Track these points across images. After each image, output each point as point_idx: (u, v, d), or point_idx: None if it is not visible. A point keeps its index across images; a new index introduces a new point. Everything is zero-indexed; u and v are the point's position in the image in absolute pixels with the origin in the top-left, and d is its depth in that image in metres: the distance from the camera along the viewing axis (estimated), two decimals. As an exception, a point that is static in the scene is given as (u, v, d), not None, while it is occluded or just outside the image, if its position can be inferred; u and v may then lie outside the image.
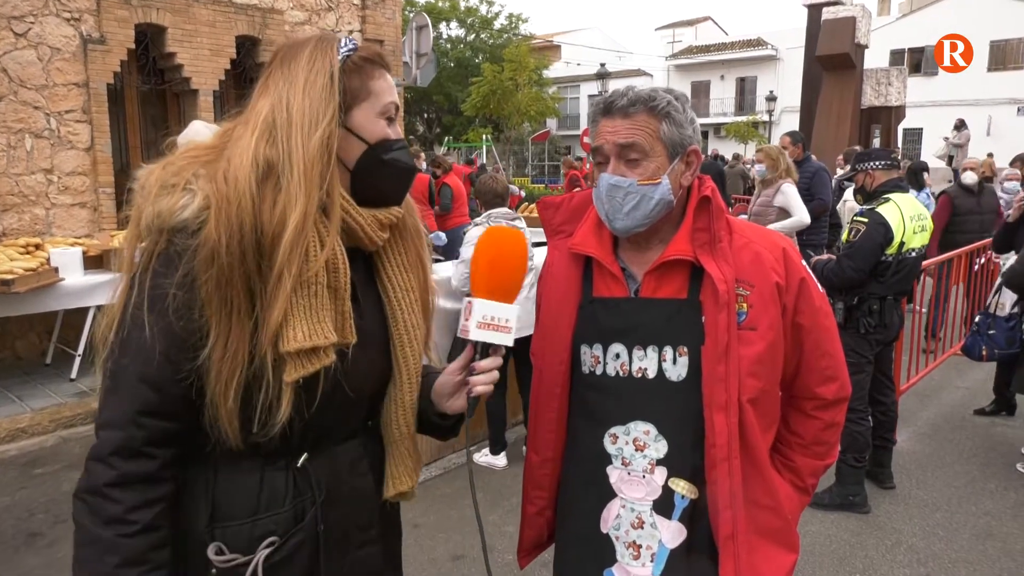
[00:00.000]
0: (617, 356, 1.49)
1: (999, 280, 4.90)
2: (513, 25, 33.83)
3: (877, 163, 4.10)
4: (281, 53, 1.26)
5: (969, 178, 7.20)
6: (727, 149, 30.85)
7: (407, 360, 1.35)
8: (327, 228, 1.18)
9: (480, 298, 1.31)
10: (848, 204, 7.39)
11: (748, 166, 18.01)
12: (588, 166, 18.61)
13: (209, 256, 1.10)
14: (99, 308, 4.63)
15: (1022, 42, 32.86)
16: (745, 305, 1.43)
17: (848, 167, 7.37)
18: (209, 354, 1.13)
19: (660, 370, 1.46)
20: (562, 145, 35.76)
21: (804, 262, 1.55)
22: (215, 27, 7.83)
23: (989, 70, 33.58)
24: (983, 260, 6.77)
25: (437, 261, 5.64)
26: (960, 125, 15.59)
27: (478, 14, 33.09)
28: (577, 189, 4.60)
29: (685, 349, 1.44)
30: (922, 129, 31.93)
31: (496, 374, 1.34)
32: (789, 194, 5.83)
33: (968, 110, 26.81)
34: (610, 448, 1.50)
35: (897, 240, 3.83)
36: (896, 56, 33.05)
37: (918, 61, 33.89)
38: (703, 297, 1.43)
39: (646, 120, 1.42)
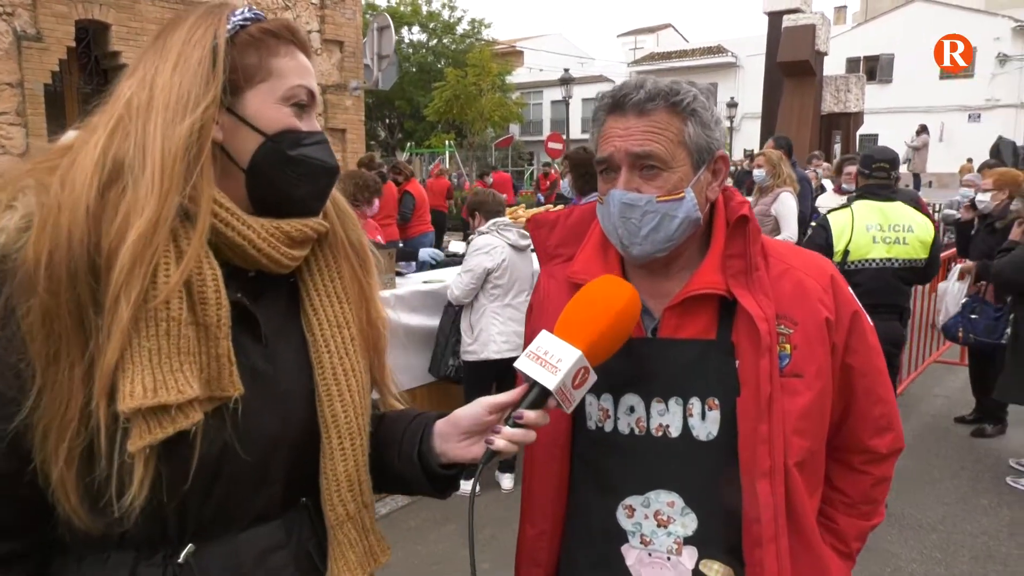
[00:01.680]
0: (631, 410, 1.21)
1: (955, 269, 5.05)
2: (475, 30, 33.57)
3: (861, 168, 4.00)
4: (164, 26, 0.98)
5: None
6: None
7: (336, 418, 1.03)
8: (190, 242, 0.90)
9: (550, 332, 1.06)
10: (822, 210, 7.30)
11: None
12: (554, 172, 18.37)
13: (28, 280, 0.85)
14: None
15: (972, 51, 33.67)
16: (788, 346, 1.16)
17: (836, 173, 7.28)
18: (32, 408, 0.86)
19: (686, 427, 1.18)
20: (525, 151, 35.55)
21: None
22: (162, 25, 7.41)
23: (941, 78, 34.36)
24: (956, 268, 6.71)
25: (400, 274, 5.30)
26: (921, 130, 15.82)
27: (440, 19, 32.77)
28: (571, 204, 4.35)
29: (716, 401, 1.17)
30: (878, 135, 32.50)
31: (533, 435, 1.04)
32: (787, 205, 5.54)
33: (922, 117, 27.26)
34: (625, 523, 1.22)
35: (840, 248, 3.75)
36: (852, 64, 33.59)
37: (873, 69, 34.52)
38: (736, 338, 1.16)
39: (667, 120, 1.15)
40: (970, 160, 20.01)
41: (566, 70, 22.94)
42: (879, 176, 3.92)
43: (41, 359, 0.86)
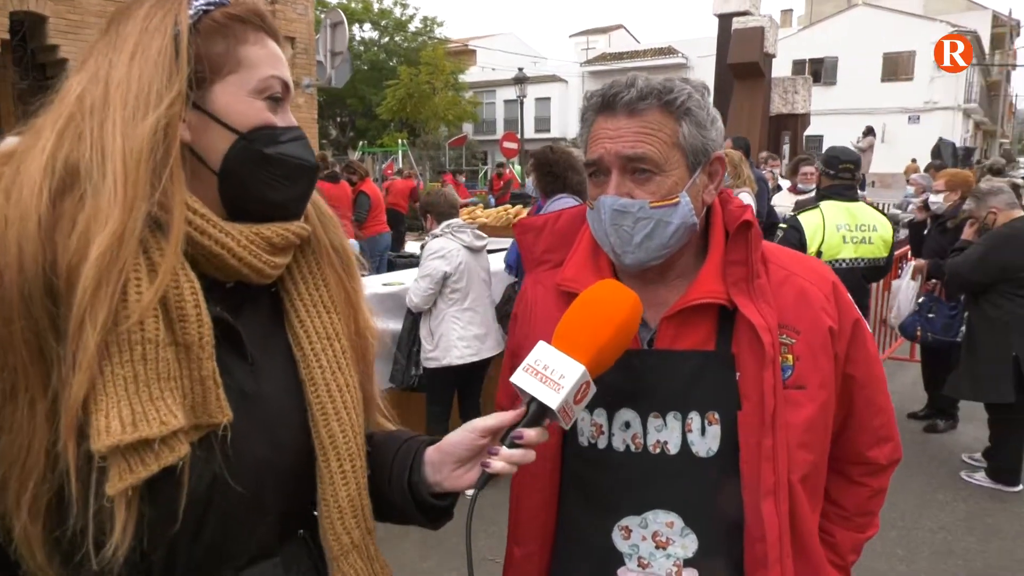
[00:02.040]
0: (627, 425, 1.15)
1: (908, 267, 5.14)
2: (428, 28, 33.34)
3: (823, 168, 4.03)
4: (115, 13, 0.88)
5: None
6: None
7: (335, 439, 0.94)
8: (163, 253, 0.79)
9: (548, 343, 0.99)
10: (778, 209, 7.39)
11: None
12: (508, 172, 18.26)
13: None
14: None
15: (912, 55, 34.86)
16: (790, 357, 1.11)
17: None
18: None
19: (685, 443, 1.12)
20: (479, 150, 35.47)
21: None
22: (104, 18, 7.11)
23: (882, 81, 35.49)
24: (908, 267, 6.88)
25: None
26: (868, 132, 16.27)
27: (392, 16, 32.44)
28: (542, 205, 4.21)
29: (716, 415, 1.11)
30: (823, 136, 33.36)
31: (533, 455, 0.96)
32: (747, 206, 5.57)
33: (865, 118, 28.01)
34: (622, 545, 1.15)
35: (812, 248, 3.78)
36: (798, 66, 34.40)
37: (817, 71, 35.39)
38: (737, 349, 1.11)
39: (660, 120, 1.08)
40: (914, 160, 20.67)
41: (520, 69, 22.92)
42: (844, 177, 3.96)
43: None
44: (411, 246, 8.42)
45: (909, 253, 6.58)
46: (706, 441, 1.12)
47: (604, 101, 1.11)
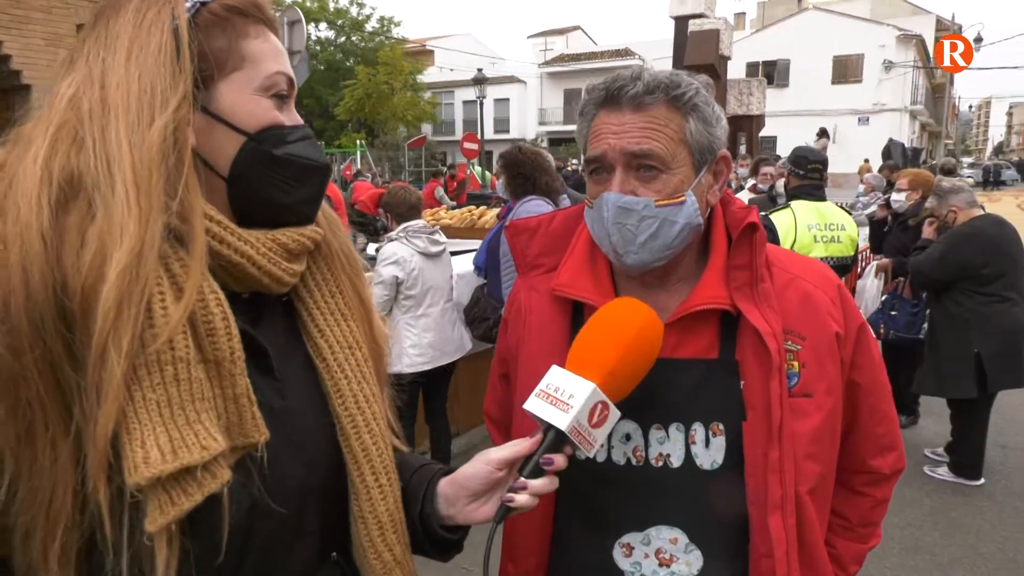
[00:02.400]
0: (627, 438, 1.09)
1: (871, 266, 5.20)
2: (385, 28, 33.09)
3: (792, 168, 4.04)
4: (100, 8, 0.80)
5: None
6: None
7: (368, 452, 0.89)
8: (186, 267, 0.73)
9: (561, 367, 0.95)
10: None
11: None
12: (461, 172, 17.75)
13: None
14: None
15: (860, 58, 35.79)
16: (796, 364, 1.07)
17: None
18: (7, 502, 0.68)
19: (688, 455, 1.07)
20: (438, 151, 35.28)
21: None
22: (51, 13, 6.85)
23: (832, 83, 36.36)
24: (871, 266, 7.02)
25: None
26: (822, 133, 16.61)
27: (348, 16, 32.11)
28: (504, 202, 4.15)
29: (720, 427, 1.06)
30: (776, 137, 34.06)
31: (556, 482, 0.92)
32: None
33: (817, 120, 28.67)
34: (623, 563, 1.09)
35: (785, 247, 3.77)
36: (751, 68, 35.03)
37: (771, 73, 36.08)
38: (741, 356, 1.06)
39: (667, 115, 1.03)
40: (867, 161, 21.17)
41: (479, 70, 22.84)
42: (814, 177, 3.99)
43: (10, 439, 0.68)
44: (371, 248, 8.29)
45: (868, 251, 6.70)
46: (710, 453, 1.07)
47: (608, 94, 1.06)
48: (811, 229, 3.87)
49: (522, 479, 0.90)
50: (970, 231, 4.28)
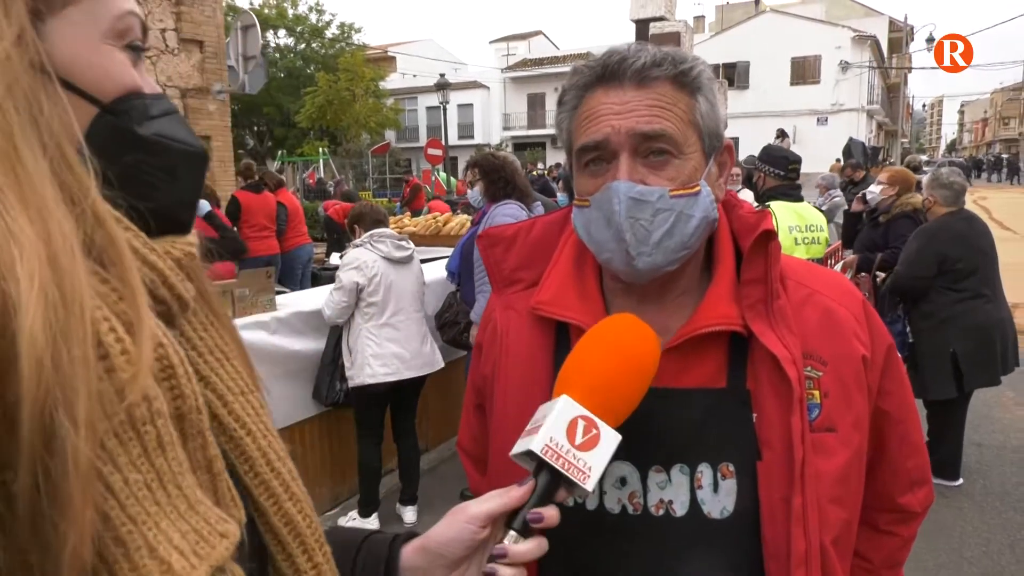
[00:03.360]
0: (623, 482, 0.94)
1: (838, 267, 5.11)
2: (345, 35, 32.70)
3: (769, 168, 3.91)
4: None
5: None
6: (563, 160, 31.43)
7: (293, 524, 0.64)
8: (119, 281, 0.47)
9: (572, 397, 0.78)
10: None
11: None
12: (414, 178, 16.95)
13: None
14: None
15: (817, 59, 36.39)
16: (817, 393, 0.92)
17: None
18: None
19: (694, 502, 0.92)
20: (403, 158, 34.98)
21: None
22: None
23: (791, 84, 36.91)
24: (838, 265, 6.99)
25: (280, 292, 4.82)
26: (781, 134, 16.76)
27: (308, 23, 31.66)
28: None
29: (731, 468, 0.91)
30: (739, 138, 34.45)
31: (547, 544, 0.76)
32: None
33: (777, 121, 29.03)
34: (619, 629, 0.94)
35: None
36: (712, 71, 35.35)
37: (731, 76, 36.48)
38: (753, 384, 0.91)
39: (674, 93, 0.89)
40: (838, 160, 21.43)
41: (442, 75, 22.66)
42: (792, 176, 3.89)
43: None
44: (336, 258, 8.05)
45: (840, 250, 6.66)
46: (720, 499, 0.91)
47: (606, 70, 0.89)
48: (792, 231, 3.77)
49: (502, 545, 0.73)
50: (939, 225, 4.24)
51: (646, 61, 0.87)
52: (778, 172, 4.00)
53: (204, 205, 5.39)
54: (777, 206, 3.90)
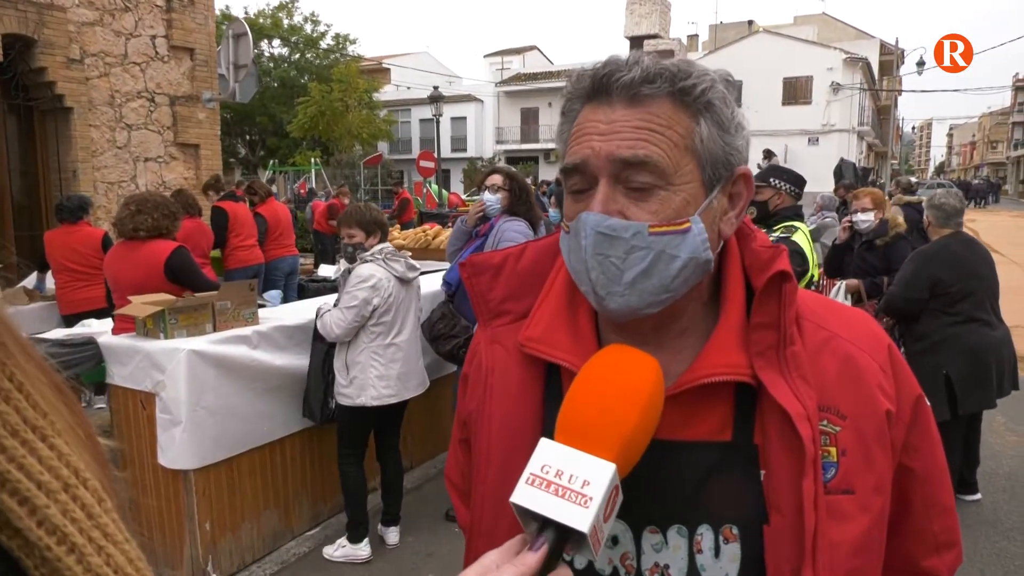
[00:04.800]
0: (615, 541, 0.85)
1: (840, 286, 5.02)
2: (340, 46, 32.72)
3: (790, 187, 3.80)
4: None
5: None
6: (559, 176, 31.53)
7: None
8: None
9: (553, 440, 0.72)
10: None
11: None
12: (404, 191, 16.44)
13: None
14: None
15: (809, 79, 36.68)
16: (833, 451, 0.82)
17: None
18: None
19: (692, 567, 0.83)
20: (395, 169, 34.96)
21: None
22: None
23: (783, 104, 37.17)
24: (835, 292, 6.93)
25: (262, 306, 4.72)
26: (768, 155, 16.84)
27: (303, 33, 31.68)
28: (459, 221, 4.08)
29: (734, 531, 0.82)
30: (731, 156, 34.60)
31: None
32: None
33: (768, 140, 29.17)
34: None
35: (811, 272, 3.54)
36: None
37: (724, 94, 36.69)
38: (761, 439, 0.82)
39: (671, 113, 0.79)
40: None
41: (435, 88, 22.64)
42: (801, 196, 3.82)
43: None
44: (325, 270, 7.93)
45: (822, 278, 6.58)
46: (722, 565, 0.82)
47: (596, 84, 0.81)
48: (816, 252, 3.68)
49: None
50: (936, 248, 4.21)
51: (636, 76, 0.78)
52: (797, 191, 3.84)
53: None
54: (802, 226, 3.72)
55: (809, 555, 0.77)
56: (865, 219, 4.99)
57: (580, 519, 0.65)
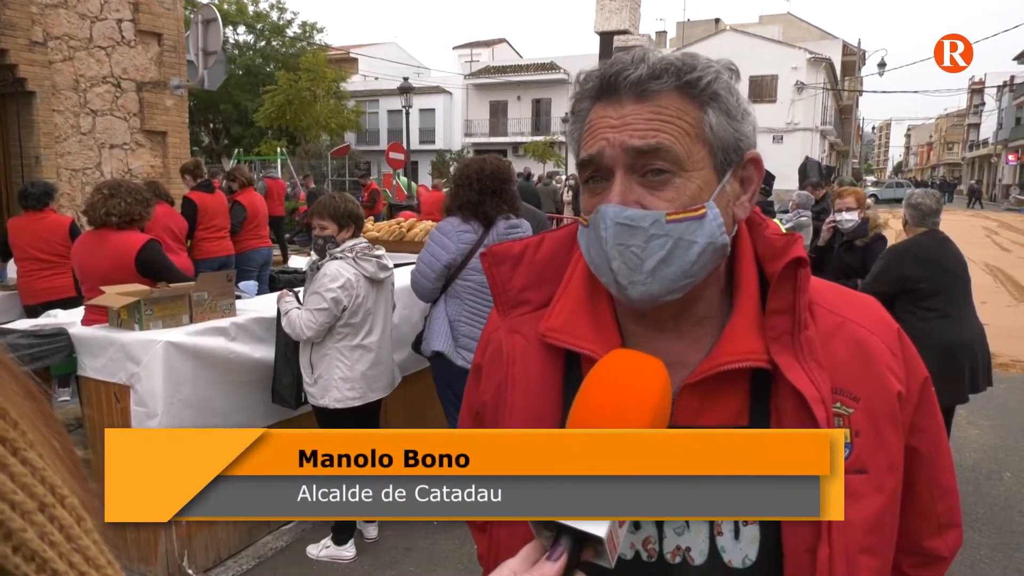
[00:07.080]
0: (636, 526, 0.87)
1: None
2: (307, 34, 32.27)
3: (762, 185, 3.90)
4: None
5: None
6: (527, 168, 31.59)
7: None
8: None
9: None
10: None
11: (560, 184, 18.44)
12: (372, 182, 16.33)
13: None
14: None
15: (774, 78, 37.24)
16: (847, 432, 0.86)
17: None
18: None
19: (714, 549, 0.85)
20: (362, 160, 34.65)
21: None
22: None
23: (749, 101, 37.66)
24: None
25: (239, 297, 4.64)
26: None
27: (269, 20, 31.17)
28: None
29: None
30: (697, 153, 34.94)
31: None
32: None
33: (735, 137, 29.46)
34: None
35: None
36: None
37: (691, 91, 37.04)
38: (777, 423, 0.85)
39: (679, 105, 0.82)
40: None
41: (405, 79, 22.47)
42: (769, 192, 3.89)
43: None
44: (296, 261, 7.82)
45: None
46: (741, 546, 0.85)
47: (604, 82, 0.83)
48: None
49: None
50: (908, 246, 4.30)
51: (643, 73, 0.81)
52: (766, 188, 3.97)
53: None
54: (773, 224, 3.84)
55: (825, 534, 0.80)
56: (849, 218, 5.07)
57: (597, 524, 0.66)
